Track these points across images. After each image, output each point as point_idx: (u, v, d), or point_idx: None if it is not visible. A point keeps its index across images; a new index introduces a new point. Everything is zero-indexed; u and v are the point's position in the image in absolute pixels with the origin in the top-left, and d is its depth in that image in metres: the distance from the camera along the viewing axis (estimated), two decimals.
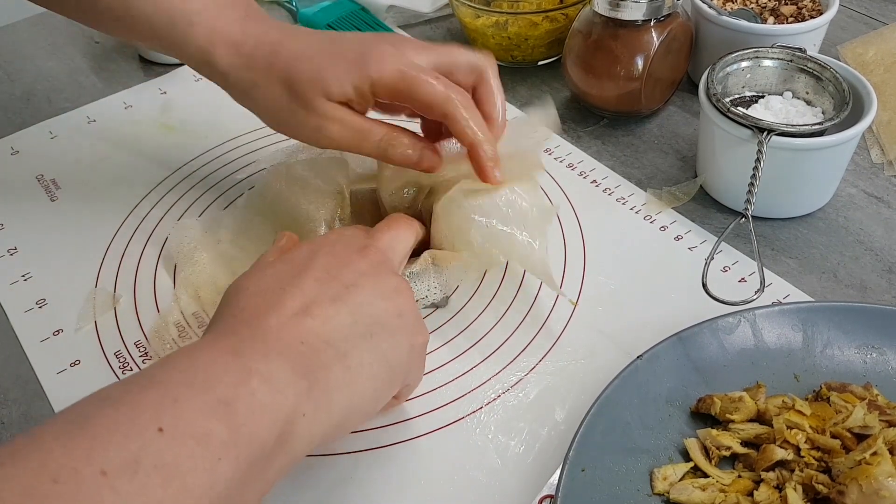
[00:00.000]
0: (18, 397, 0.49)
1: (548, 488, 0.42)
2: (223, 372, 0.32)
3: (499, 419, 0.46)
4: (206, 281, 0.53)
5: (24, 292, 0.55)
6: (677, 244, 0.56)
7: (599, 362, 0.48)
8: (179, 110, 0.70)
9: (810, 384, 0.45)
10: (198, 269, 0.53)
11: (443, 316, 0.52)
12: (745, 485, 0.41)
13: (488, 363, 0.49)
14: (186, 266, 0.54)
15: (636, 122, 0.67)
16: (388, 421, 0.46)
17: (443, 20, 0.81)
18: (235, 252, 0.54)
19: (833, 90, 0.56)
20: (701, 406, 0.44)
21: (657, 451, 0.42)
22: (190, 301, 0.52)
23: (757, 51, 0.58)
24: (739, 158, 0.53)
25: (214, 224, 0.57)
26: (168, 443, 0.28)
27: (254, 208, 0.56)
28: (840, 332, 0.46)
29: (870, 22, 0.77)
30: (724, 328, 0.46)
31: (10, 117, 0.71)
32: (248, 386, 0.32)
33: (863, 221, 0.57)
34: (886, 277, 0.53)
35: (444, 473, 0.44)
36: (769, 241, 0.56)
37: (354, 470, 0.44)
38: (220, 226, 0.56)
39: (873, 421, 0.41)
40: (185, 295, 0.52)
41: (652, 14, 0.60)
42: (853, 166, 0.61)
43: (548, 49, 0.71)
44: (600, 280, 0.54)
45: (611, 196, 0.60)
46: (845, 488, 0.38)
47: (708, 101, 0.55)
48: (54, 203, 0.62)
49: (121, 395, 0.30)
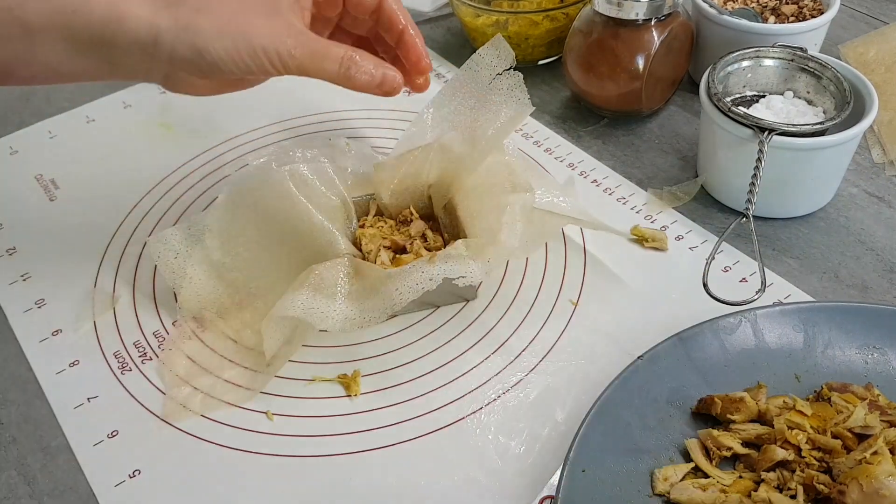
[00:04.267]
0: (17, 397, 0.49)
1: (548, 489, 0.42)
2: None
3: (499, 419, 0.46)
4: (210, 301, 0.51)
5: (22, 292, 0.55)
6: (678, 244, 0.56)
7: (600, 362, 0.48)
8: (178, 110, 0.70)
9: (811, 384, 0.45)
10: (195, 285, 0.51)
11: (443, 316, 0.52)
12: (746, 485, 0.40)
13: (488, 363, 0.49)
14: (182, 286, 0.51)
15: (637, 122, 0.67)
16: (389, 421, 0.46)
17: (443, 19, 0.81)
18: (229, 260, 0.51)
19: (834, 90, 0.56)
20: (702, 406, 0.44)
21: (658, 452, 0.42)
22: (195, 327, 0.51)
23: (758, 50, 0.58)
24: (740, 158, 0.53)
25: (196, 229, 0.53)
26: None
27: (246, 208, 0.52)
28: (841, 332, 0.46)
29: (871, 21, 0.77)
30: (724, 328, 0.46)
31: (10, 117, 0.71)
32: None
33: (864, 221, 0.57)
34: (887, 277, 0.53)
35: (444, 474, 0.44)
36: (770, 241, 0.55)
37: (354, 470, 0.44)
38: (203, 231, 0.52)
39: (874, 421, 0.41)
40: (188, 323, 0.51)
41: (653, 13, 0.60)
42: (854, 166, 0.61)
43: (548, 48, 0.71)
44: (601, 280, 0.53)
45: (611, 196, 0.60)
46: (846, 488, 0.37)
47: (709, 100, 0.55)
48: (53, 203, 0.62)
49: None
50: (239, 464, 0.45)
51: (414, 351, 0.50)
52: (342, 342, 0.51)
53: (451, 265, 0.47)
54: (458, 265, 0.47)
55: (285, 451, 0.45)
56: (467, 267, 0.47)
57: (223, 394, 0.48)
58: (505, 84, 0.51)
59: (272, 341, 0.47)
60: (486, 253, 0.47)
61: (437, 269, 0.46)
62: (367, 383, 0.48)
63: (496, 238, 0.48)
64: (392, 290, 0.46)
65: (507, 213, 0.48)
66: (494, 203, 0.49)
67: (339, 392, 0.48)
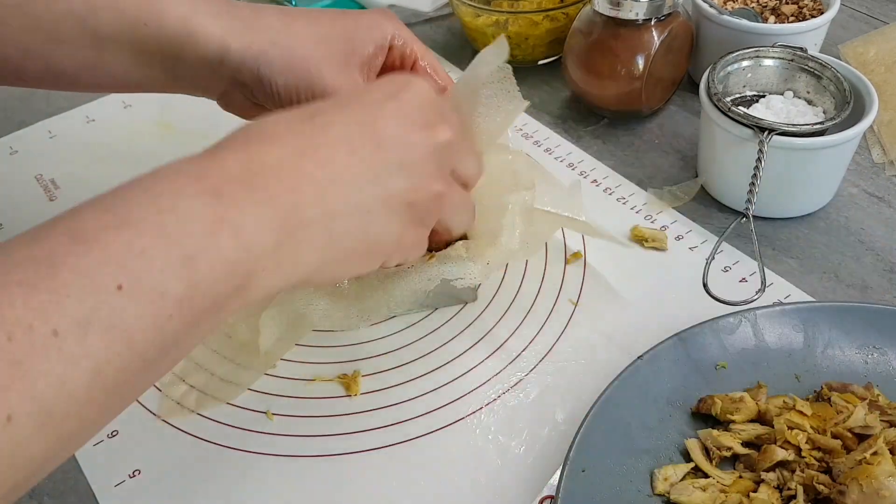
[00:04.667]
0: None
1: (548, 489, 0.42)
2: (197, 219, 0.31)
3: (499, 419, 0.46)
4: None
5: None
6: (678, 244, 0.55)
7: (600, 362, 0.48)
8: (178, 110, 0.70)
9: (811, 384, 0.45)
10: None
11: (443, 317, 0.52)
12: (746, 485, 0.40)
13: (488, 363, 0.49)
14: None
15: (637, 122, 0.67)
16: (389, 421, 0.46)
17: (443, 19, 0.81)
18: None
19: (834, 90, 0.56)
20: (702, 406, 0.44)
21: (658, 452, 0.42)
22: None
23: (758, 50, 0.58)
24: (740, 158, 0.53)
25: None
26: (123, 301, 0.28)
27: None
28: (841, 332, 0.46)
29: (871, 21, 0.77)
30: (724, 328, 0.46)
31: (9, 117, 0.71)
32: (216, 238, 0.31)
33: (864, 221, 0.57)
34: (888, 277, 0.53)
35: (444, 474, 0.44)
36: (770, 241, 0.55)
37: (354, 470, 0.44)
38: None
39: (874, 421, 0.41)
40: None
41: (653, 13, 0.60)
42: (854, 166, 0.61)
43: (548, 48, 0.71)
44: (601, 280, 0.53)
45: (611, 196, 0.60)
46: (846, 488, 0.37)
47: (709, 100, 0.55)
48: (53, 203, 0.62)
49: (94, 231, 0.30)
50: (239, 464, 0.45)
51: (414, 351, 0.50)
52: (342, 342, 0.51)
53: (450, 266, 0.47)
54: (457, 266, 0.47)
55: (285, 451, 0.45)
56: (466, 268, 0.47)
57: (216, 391, 0.48)
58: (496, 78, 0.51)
59: (268, 335, 0.47)
60: (486, 255, 0.47)
61: (435, 270, 0.46)
62: (367, 383, 0.48)
63: (496, 240, 0.48)
64: (391, 290, 0.46)
65: (507, 214, 0.48)
66: (496, 204, 0.49)
67: (339, 392, 0.48)
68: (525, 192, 0.49)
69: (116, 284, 0.28)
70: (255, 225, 0.32)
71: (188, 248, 0.31)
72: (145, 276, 0.29)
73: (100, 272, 0.29)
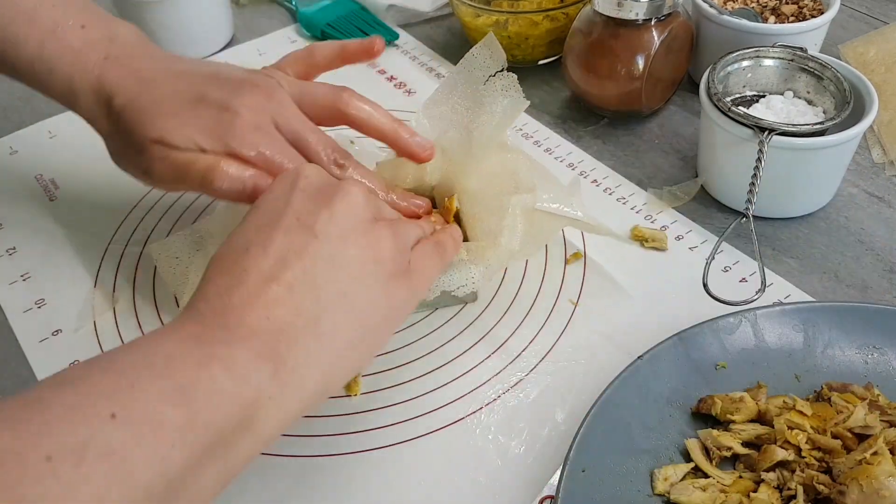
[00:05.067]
0: None
1: (548, 489, 0.42)
2: (184, 357, 0.31)
3: (499, 419, 0.46)
4: None
5: (22, 292, 0.55)
6: (678, 244, 0.56)
7: (599, 362, 0.48)
8: None
9: (811, 384, 0.45)
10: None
11: (443, 317, 0.52)
12: (746, 485, 0.40)
13: (488, 363, 0.49)
14: (184, 292, 0.51)
15: (637, 122, 0.67)
16: (389, 421, 0.46)
17: (443, 19, 0.81)
18: None
19: (834, 90, 0.56)
20: (702, 406, 0.44)
21: (658, 452, 0.42)
22: None
23: (758, 50, 0.58)
24: (740, 158, 0.53)
25: (197, 235, 0.52)
26: (119, 429, 0.27)
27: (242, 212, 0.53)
28: (841, 332, 0.46)
29: (871, 21, 0.77)
30: (724, 328, 0.46)
31: (9, 117, 0.71)
32: (209, 371, 0.31)
33: (864, 221, 0.57)
34: (887, 277, 0.53)
35: (444, 474, 0.44)
36: (770, 241, 0.55)
37: (355, 471, 0.44)
38: (205, 236, 0.52)
39: (874, 421, 0.41)
40: None
41: (653, 13, 0.60)
42: (854, 166, 0.61)
43: (548, 48, 0.71)
44: (601, 280, 0.53)
45: (611, 196, 0.60)
46: (846, 488, 0.37)
47: (709, 100, 0.55)
48: (53, 203, 0.62)
49: (80, 377, 0.29)
50: None
51: (414, 351, 0.50)
52: None
53: (450, 274, 0.47)
54: (458, 273, 0.47)
55: (285, 451, 0.45)
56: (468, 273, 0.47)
57: None
58: (499, 85, 0.51)
59: None
60: (487, 256, 0.48)
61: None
62: (367, 383, 0.48)
63: (497, 241, 0.48)
64: None
65: (508, 216, 0.48)
66: (497, 204, 0.49)
67: (339, 392, 0.48)
68: (526, 195, 0.49)
69: (110, 413, 0.28)
70: (244, 357, 0.32)
71: (180, 379, 0.30)
72: (139, 405, 0.28)
73: (91, 403, 0.28)
